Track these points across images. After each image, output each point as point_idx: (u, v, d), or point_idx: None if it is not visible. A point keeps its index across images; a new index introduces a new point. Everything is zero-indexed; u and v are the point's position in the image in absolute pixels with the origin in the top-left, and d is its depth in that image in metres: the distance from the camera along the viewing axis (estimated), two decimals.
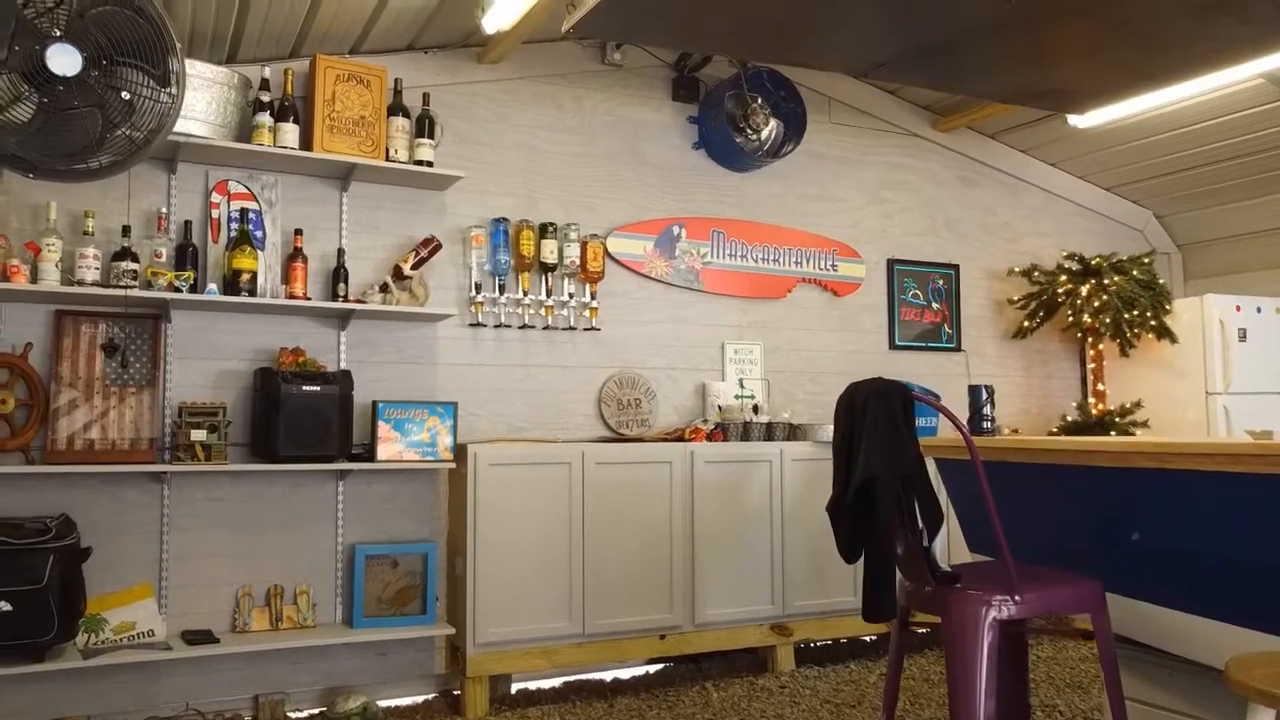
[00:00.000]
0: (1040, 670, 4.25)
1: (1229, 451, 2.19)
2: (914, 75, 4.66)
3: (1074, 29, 3.74)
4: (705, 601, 4.22)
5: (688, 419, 4.75)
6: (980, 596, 2.31)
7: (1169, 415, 5.40)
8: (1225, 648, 2.22)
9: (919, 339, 5.52)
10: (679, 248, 4.87)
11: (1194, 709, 2.60)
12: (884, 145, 5.54)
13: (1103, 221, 6.24)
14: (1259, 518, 2.17)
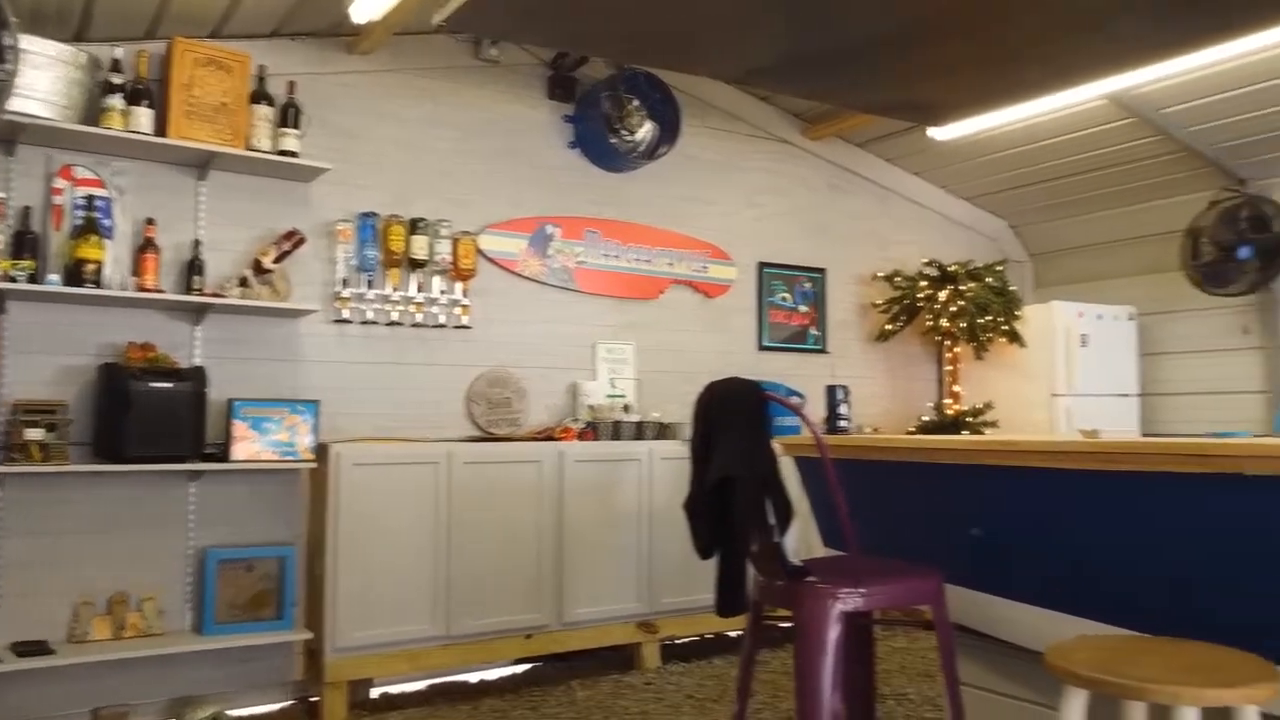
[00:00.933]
0: (894, 660, 4.42)
1: (1056, 449, 2.32)
2: (786, 84, 4.80)
3: (940, 47, 3.91)
4: (573, 600, 4.23)
5: (559, 418, 4.75)
6: (828, 590, 2.38)
7: (1018, 415, 5.69)
8: (1049, 634, 2.36)
9: (787, 340, 5.66)
10: (553, 247, 4.86)
11: (1025, 692, 2.75)
12: (758, 151, 5.67)
13: (963, 230, 6.53)
14: (1081, 511, 2.31)
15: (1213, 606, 2.07)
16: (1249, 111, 4.85)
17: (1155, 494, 2.14)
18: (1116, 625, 2.23)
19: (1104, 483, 2.23)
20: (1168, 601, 2.17)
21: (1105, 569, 2.29)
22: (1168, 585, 2.17)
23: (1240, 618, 2.02)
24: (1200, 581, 2.10)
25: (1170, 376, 5.96)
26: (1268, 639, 1.91)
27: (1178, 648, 1.89)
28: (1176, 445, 2.11)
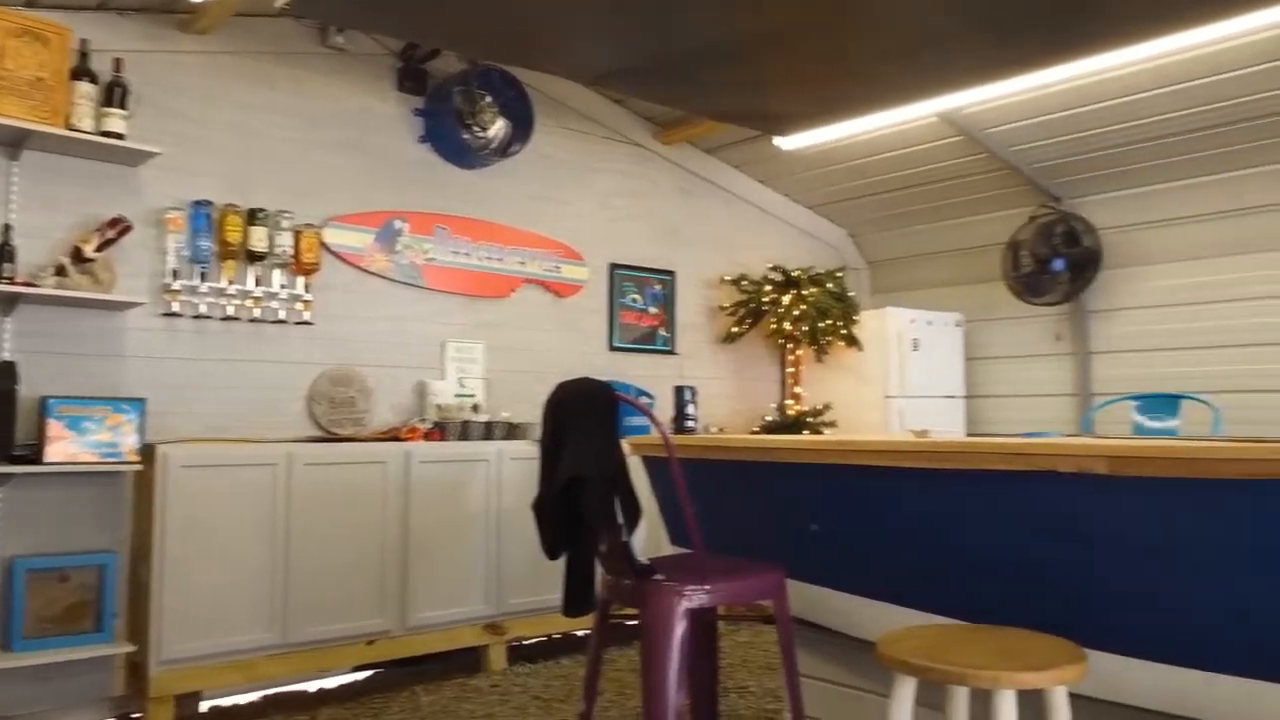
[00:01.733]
0: (738, 654, 4.54)
1: (889, 448, 2.43)
2: (637, 88, 4.85)
3: (786, 59, 4.04)
4: (418, 604, 4.14)
5: (405, 418, 4.64)
6: (675, 588, 2.42)
7: (854, 416, 5.94)
8: (883, 625, 2.47)
9: (637, 341, 5.72)
10: (401, 242, 4.75)
11: (860, 681, 2.87)
12: (612, 153, 5.70)
13: (805, 237, 6.76)
14: (912, 507, 2.44)
15: (1029, 596, 2.22)
16: (1063, 135, 5.23)
17: (978, 491, 2.28)
18: (944, 615, 2.37)
19: (932, 480, 2.36)
20: (990, 592, 2.31)
21: (933, 562, 2.42)
22: (989, 576, 2.31)
23: (1053, 606, 2.18)
24: (1018, 572, 2.25)
25: (992, 379, 6.36)
26: (1076, 625, 2.06)
27: (998, 635, 2.01)
28: (997, 445, 2.25)
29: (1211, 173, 5.22)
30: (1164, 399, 4.33)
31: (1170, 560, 2.02)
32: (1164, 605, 2.05)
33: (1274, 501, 1.84)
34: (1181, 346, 5.46)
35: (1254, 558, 1.91)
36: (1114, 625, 2.11)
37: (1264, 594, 1.90)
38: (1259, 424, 4.89)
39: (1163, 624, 2.06)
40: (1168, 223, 5.50)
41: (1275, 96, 4.53)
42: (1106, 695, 2.14)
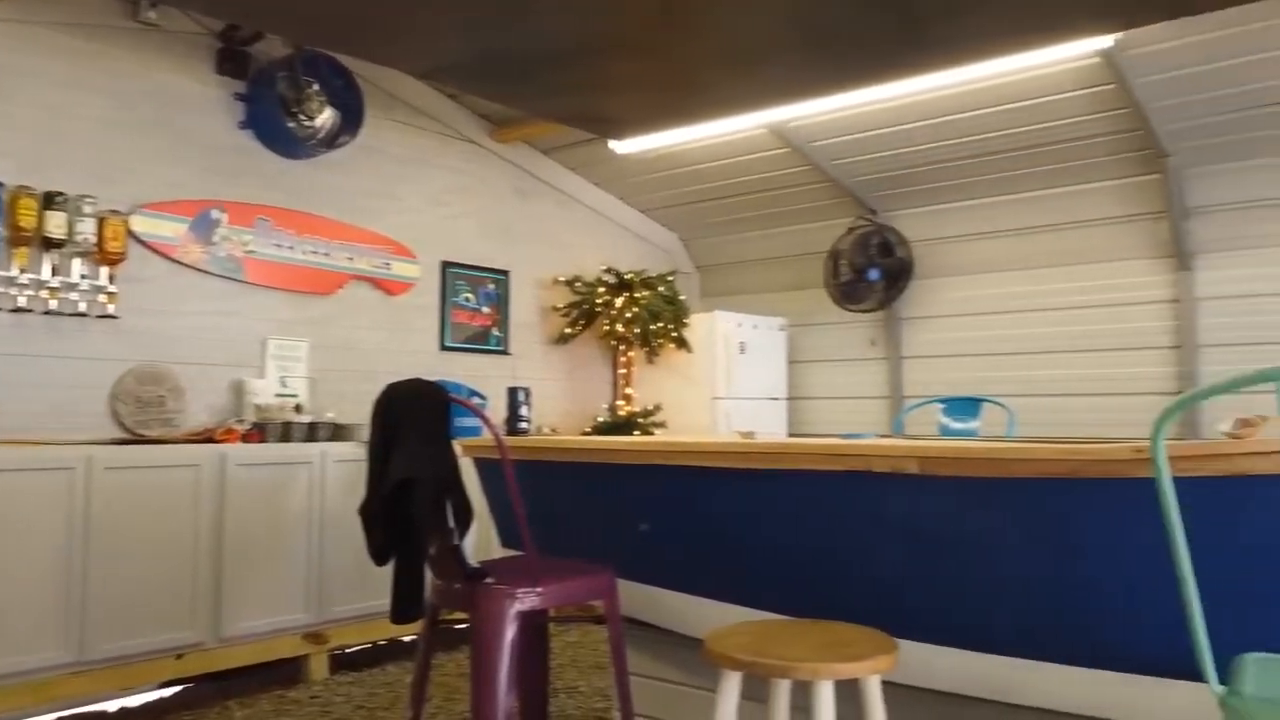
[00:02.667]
0: (568, 655, 4.55)
1: (715, 449, 2.50)
2: (472, 85, 4.78)
3: (622, 64, 4.08)
4: (234, 614, 3.94)
5: (221, 418, 4.41)
6: (506, 591, 2.41)
7: (684, 417, 6.08)
8: (711, 622, 2.54)
9: (470, 341, 5.65)
10: (218, 233, 4.51)
11: (689, 678, 2.94)
12: (446, 149, 5.60)
13: (638, 241, 6.86)
14: (737, 506, 2.52)
15: (848, 590, 2.34)
16: (880, 151, 5.53)
17: (799, 490, 2.38)
18: (769, 611, 2.45)
19: (757, 480, 2.44)
20: (811, 587, 2.41)
21: (759, 560, 2.51)
22: (811, 572, 2.41)
23: (869, 599, 2.30)
24: (837, 568, 2.36)
25: (813, 382, 6.65)
26: (889, 616, 2.19)
27: (818, 629, 2.11)
28: (817, 446, 2.36)
29: (1009, 193, 5.64)
30: (966, 402, 4.65)
31: (973, 553, 2.17)
32: (968, 595, 2.20)
33: (1059, 498, 2.01)
34: (982, 353, 5.87)
35: (1044, 550, 2.08)
36: (923, 616, 2.25)
37: (1054, 582, 2.07)
38: (1048, 425, 5.34)
39: (967, 613, 2.21)
40: (971, 237, 5.91)
41: (1063, 126, 4.95)
42: (917, 682, 2.28)
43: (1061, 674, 2.11)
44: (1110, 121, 4.86)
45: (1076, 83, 4.61)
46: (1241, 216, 5.02)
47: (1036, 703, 2.19)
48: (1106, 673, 2.05)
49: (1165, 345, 5.25)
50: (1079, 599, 2.06)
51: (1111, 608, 2.02)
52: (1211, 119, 4.69)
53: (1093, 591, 2.04)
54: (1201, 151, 4.94)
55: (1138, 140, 4.94)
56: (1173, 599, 1.61)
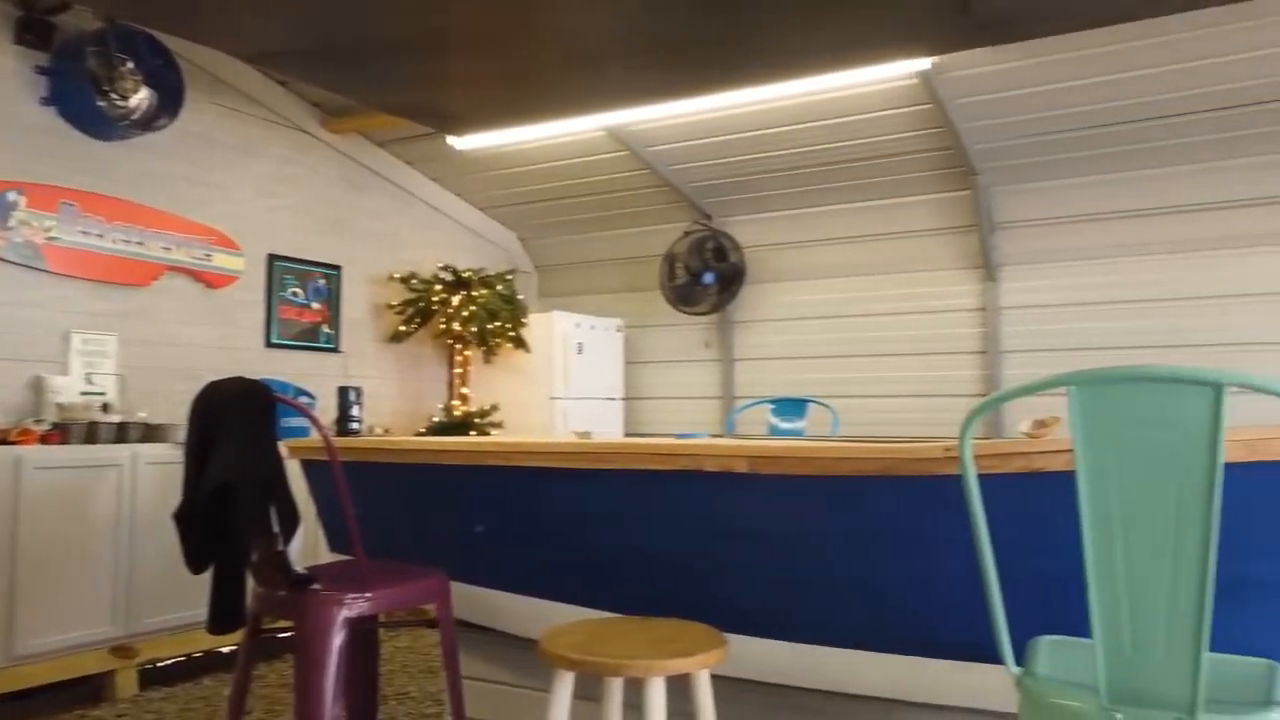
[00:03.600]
0: (398, 660, 4.45)
1: (551, 449, 2.51)
2: (302, 72, 4.60)
3: (461, 60, 4.02)
4: (28, 630, 3.64)
5: (17, 418, 4.07)
6: (333, 597, 2.33)
7: (521, 417, 6.05)
8: (546, 622, 2.55)
9: (298, 338, 5.43)
10: (15, 217, 4.16)
11: (523, 679, 2.93)
12: (275, 137, 5.36)
13: (476, 238, 6.78)
14: (573, 505, 2.53)
15: (680, 587, 2.39)
16: (715, 158, 5.67)
17: (634, 489, 2.41)
18: (604, 610, 2.48)
19: (592, 480, 2.46)
20: (645, 585, 2.45)
21: (594, 559, 2.53)
22: (645, 571, 2.45)
23: (701, 596, 2.36)
24: (670, 565, 2.41)
25: (649, 383, 6.75)
26: (721, 612, 2.25)
27: (650, 626, 2.14)
28: (651, 446, 2.40)
29: (835, 203, 5.91)
30: (793, 402, 4.83)
31: (799, 549, 2.26)
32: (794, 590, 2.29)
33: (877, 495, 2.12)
34: (809, 355, 6.12)
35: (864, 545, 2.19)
36: (753, 611, 2.33)
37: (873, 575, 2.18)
38: (870, 425, 5.62)
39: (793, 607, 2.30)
40: (800, 245, 6.15)
41: (884, 141, 5.23)
42: (747, 674, 2.36)
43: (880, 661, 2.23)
44: (926, 139, 5.16)
45: (897, 101, 4.87)
46: (1041, 232, 5.43)
47: (858, 690, 2.31)
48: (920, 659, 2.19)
49: (973, 350, 5.62)
50: (896, 590, 2.18)
51: (925, 598, 2.15)
52: (1017, 141, 5.06)
53: (908, 583, 2.16)
54: (1007, 171, 5.31)
55: (951, 158, 5.27)
56: (978, 588, 1.73)
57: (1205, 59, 4.25)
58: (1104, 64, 4.37)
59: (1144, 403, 1.37)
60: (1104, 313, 5.26)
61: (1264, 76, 4.30)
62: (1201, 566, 1.36)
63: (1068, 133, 4.91)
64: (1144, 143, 4.88)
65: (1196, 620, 1.37)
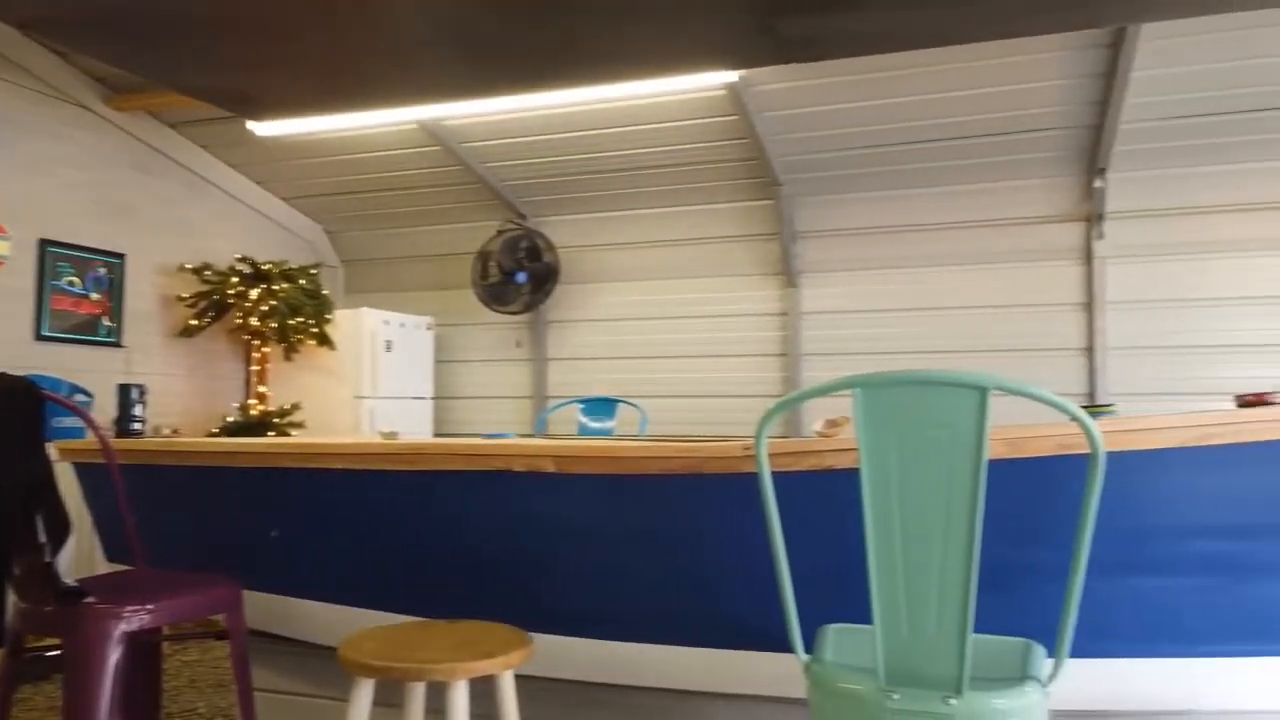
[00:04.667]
0: (185, 675, 4.18)
1: (352, 450, 2.44)
2: (86, 43, 4.24)
3: (262, 42, 3.82)
4: None
5: None
6: (109, 610, 2.17)
7: (325, 417, 5.82)
8: (349, 628, 2.46)
9: (74, 331, 5.01)
10: None
11: (320, 689, 2.82)
12: (49, 112, 4.92)
13: (279, 230, 6.47)
14: (375, 508, 2.47)
15: (488, 588, 2.37)
16: (531, 158, 5.66)
17: (441, 490, 2.38)
18: (409, 614, 2.43)
19: (396, 481, 2.41)
20: (452, 587, 2.42)
21: (398, 562, 2.47)
22: (451, 573, 2.42)
23: (508, 596, 2.35)
24: (478, 567, 2.39)
25: (460, 382, 6.65)
26: (528, 612, 2.25)
27: (454, 629, 2.11)
28: (458, 446, 2.37)
29: (647, 207, 6.03)
30: (603, 402, 4.89)
31: (606, 547, 2.30)
32: (602, 587, 2.32)
33: (681, 492, 2.18)
34: (620, 356, 6.21)
35: (669, 541, 2.25)
36: (560, 609, 2.34)
37: (677, 571, 2.24)
38: (677, 424, 5.77)
39: (600, 604, 2.33)
40: (613, 246, 6.23)
41: (694, 149, 5.38)
42: (554, 673, 2.37)
43: (682, 654, 2.30)
44: (734, 149, 5.34)
45: (706, 111, 5.02)
46: (840, 242, 5.74)
47: (660, 683, 2.36)
48: (721, 650, 2.27)
49: (775, 353, 5.86)
50: (698, 584, 2.25)
51: (725, 591, 2.23)
52: (818, 155, 5.33)
53: (709, 577, 2.23)
54: (809, 183, 5.58)
55: (756, 168, 5.48)
56: (774, 581, 1.81)
57: (985, 87, 4.62)
58: (898, 87, 4.68)
59: (920, 404, 1.47)
60: (897, 319, 5.62)
61: (1037, 107, 4.73)
62: (967, 555, 1.47)
63: (865, 149, 5.21)
64: (933, 162, 5.25)
65: (963, 605, 1.48)
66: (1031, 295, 5.36)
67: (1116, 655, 2.12)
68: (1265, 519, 2.09)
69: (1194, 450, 1.97)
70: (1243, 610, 2.13)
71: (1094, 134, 4.89)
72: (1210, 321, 5.11)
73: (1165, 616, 2.08)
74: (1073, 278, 5.31)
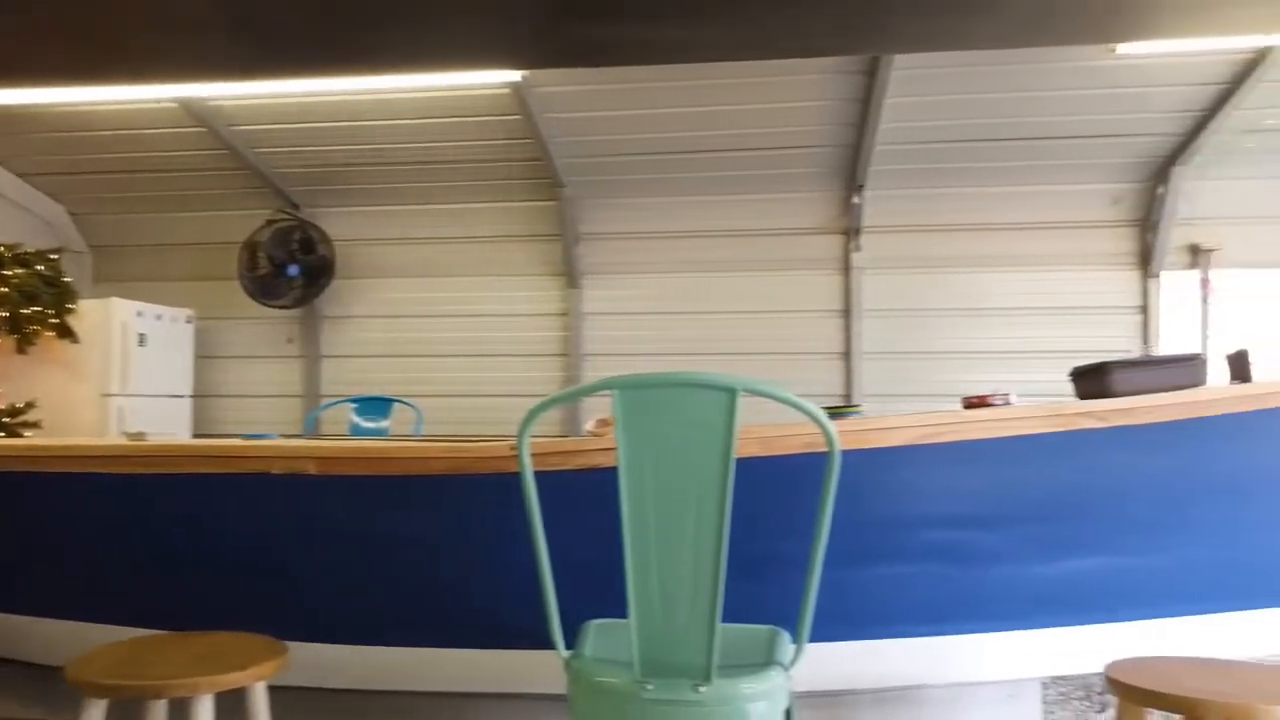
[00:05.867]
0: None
1: (84, 453, 2.25)
2: None
3: None
4: None
5: None
6: None
7: (66, 417, 5.32)
8: (78, 645, 2.27)
9: None
10: None
11: (52, 714, 2.59)
12: None
13: (14, 209, 5.87)
14: (109, 515, 2.28)
15: (241, 597, 2.25)
16: (307, 146, 5.42)
17: (191, 495, 2.24)
18: (149, 627, 2.26)
19: (140, 485, 2.24)
20: (200, 597, 2.28)
21: (139, 572, 2.30)
22: (200, 582, 2.28)
23: (263, 604, 2.24)
24: (230, 574, 2.26)
25: (224, 380, 6.27)
26: (286, 621, 2.15)
27: (199, 641, 1.99)
28: (211, 448, 2.24)
29: (428, 203, 5.92)
30: (378, 402, 4.75)
31: (373, 551, 2.24)
32: (367, 592, 2.25)
33: (451, 493, 2.15)
34: (399, 354, 6.06)
35: (438, 543, 2.22)
36: (321, 616, 2.26)
37: (448, 573, 2.22)
38: (455, 424, 5.68)
39: (365, 610, 2.26)
40: (393, 242, 6.07)
41: (477, 147, 5.36)
42: (313, 682, 2.28)
43: (450, 657, 2.27)
44: (518, 149, 5.34)
45: (490, 109, 5.00)
46: (620, 245, 5.86)
47: (428, 687, 2.33)
48: (490, 651, 2.26)
49: (557, 353, 5.91)
50: (466, 586, 2.23)
51: (494, 591, 2.23)
52: (601, 159, 5.42)
53: (478, 578, 2.22)
54: (592, 185, 5.66)
55: (540, 169, 5.50)
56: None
57: (757, 104, 4.87)
58: (678, 99, 4.85)
59: (674, 404, 1.53)
60: (675, 321, 5.80)
61: (802, 125, 5.02)
62: (717, 549, 1.55)
63: (645, 156, 5.35)
64: (709, 171, 5.47)
65: (712, 596, 1.55)
66: (796, 302, 5.69)
67: (857, 638, 2.28)
68: (986, 510, 2.32)
69: (923, 447, 2.16)
70: (967, 592, 2.35)
71: (852, 153, 5.26)
72: (952, 330, 5.61)
73: (899, 600, 2.27)
74: (833, 286, 5.68)
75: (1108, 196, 5.47)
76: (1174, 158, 5.17)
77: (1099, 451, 2.26)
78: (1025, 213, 5.52)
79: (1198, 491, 2.30)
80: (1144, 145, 5.17)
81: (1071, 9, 3.72)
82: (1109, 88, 4.73)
